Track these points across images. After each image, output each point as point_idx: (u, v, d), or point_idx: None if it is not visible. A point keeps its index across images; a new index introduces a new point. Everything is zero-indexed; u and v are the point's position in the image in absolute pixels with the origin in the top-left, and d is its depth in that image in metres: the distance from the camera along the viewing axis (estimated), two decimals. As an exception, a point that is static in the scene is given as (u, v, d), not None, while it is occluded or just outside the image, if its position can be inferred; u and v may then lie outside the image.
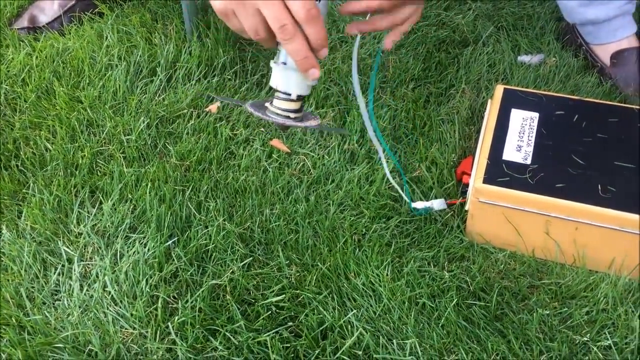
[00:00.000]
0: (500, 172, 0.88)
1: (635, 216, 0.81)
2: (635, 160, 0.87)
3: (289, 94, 0.71)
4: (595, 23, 1.12)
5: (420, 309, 0.82)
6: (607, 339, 0.78)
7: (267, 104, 0.73)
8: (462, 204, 0.94)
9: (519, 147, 0.91)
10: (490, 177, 0.87)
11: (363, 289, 0.84)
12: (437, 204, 0.94)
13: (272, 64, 0.71)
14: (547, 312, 0.81)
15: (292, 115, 0.72)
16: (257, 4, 0.63)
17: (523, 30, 1.24)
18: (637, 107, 0.96)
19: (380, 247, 0.89)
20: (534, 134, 0.92)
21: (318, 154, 1.01)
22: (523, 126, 0.93)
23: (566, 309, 0.82)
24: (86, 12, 1.23)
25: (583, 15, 1.12)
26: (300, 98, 0.72)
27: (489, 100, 1.01)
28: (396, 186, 0.93)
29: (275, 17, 0.63)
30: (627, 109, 0.95)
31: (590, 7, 1.10)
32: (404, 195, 0.94)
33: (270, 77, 0.72)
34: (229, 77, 1.13)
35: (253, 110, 0.73)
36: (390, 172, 0.98)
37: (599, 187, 0.84)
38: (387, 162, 1.00)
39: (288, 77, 0.71)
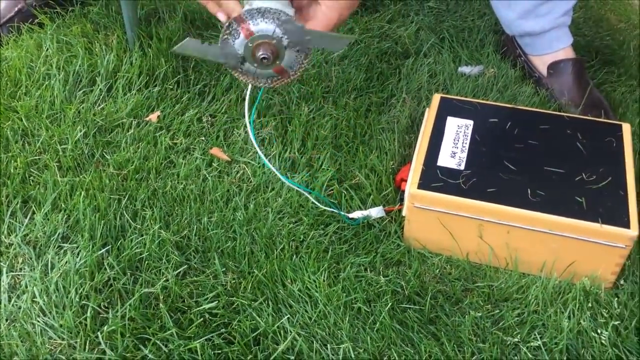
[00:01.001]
0: (435, 178, 0.89)
1: (562, 219, 0.83)
2: (564, 165, 0.89)
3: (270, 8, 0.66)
4: (533, 35, 1.15)
5: (356, 313, 0.82)
6: (537, 340, 0.79)
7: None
8: (400, 211, 0.95)
9: (454, 154, 0.92)
10: (425, 183, 0.88)
11: (299, 295, 0.84)
12: (375, 212, 0.94)
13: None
14: (480, 314, 0.82)
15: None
16: None
17: (464, 42, 1.27)
18: (567, 114, 0.99)
19: (318, 254, 0.89)
20: (468, 141, 0.94)
21: (258, 163, 1.01)
22: (458, 133, 0.95)
23: (498, 310, 0.83)
24: (25, 23, 1.21)
25: (521, 28, 1.15)
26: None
27: (427, 109, 1.03)
28: (324, 208, 0.94)
29: None
30: (558, 116, 0.98)
31: (528, 19, 1.13)
32: (337, 210, 0.94)
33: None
34: (171, 86, 1.13)
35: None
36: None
37: (529, 191, 0.86)
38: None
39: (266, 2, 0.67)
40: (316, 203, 0.94)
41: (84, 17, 1.25)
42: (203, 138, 1.05)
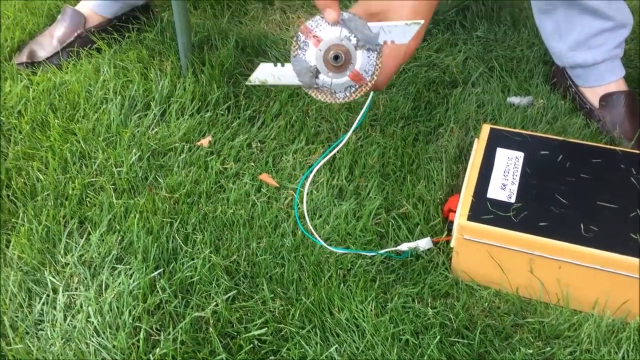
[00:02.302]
0: (485, 210, 0.88)
1: (616, 256, 0.81)
2: (617, 200, 0.88)
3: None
4: (584, 67, 1.14)
5: (404, 345, 0.82)
6: (590, 379, 0.77)
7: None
8: (448, 242, 0.94)
9: (504, 186, 0.92)
10: (475, 215, 0.88)
11: (346, 324, 0.84)
12: (423, 243, 0.94)
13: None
14: (530, 351, 0.81)
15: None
16: None
17: (512, 72, 1.27)
18: (620, 149, 0.97)
19: (365, 283, 0.89)
20: (518, 173, 0.93)
21: (307, 189, 1.02)
22: (508, 165, 0.95)
23: (549, 348, 0.81)
24: (84, 48, 1.26)
25: (572, 59, 1.15)
26: None
27: (476, 139, 1.02)
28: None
29: None
30: (610, 150, 0.97)
31: (580, 51, 1.13)
32: (381, 253, 0.93)
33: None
34: (222, 112, 1.15)
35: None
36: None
37: (582, 227, 0.85)
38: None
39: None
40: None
41: (140, 43, 1.29)
42: (252, 163, 1.07)
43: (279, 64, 0.72)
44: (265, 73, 0.74)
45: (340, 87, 0.74)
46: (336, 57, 0.70)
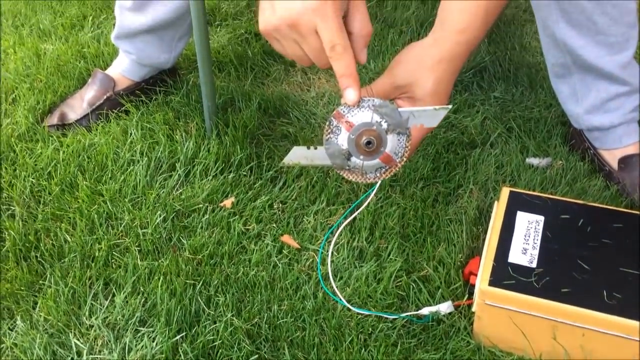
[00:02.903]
0: (506, 275, 0.89)
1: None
2: (639, 266, 0.88)
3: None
4: (602, 129, 1.16)
5: (426, 413, 0.81)
6: None
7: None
8: (470, 305, 0.94)
9: (525, 250, 0.92)
10: (496, 280, 0.88)
11: (368, 391, 0.84)
12: (444, 307, 0.94)
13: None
14: (555, 421, 0.80)
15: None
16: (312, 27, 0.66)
17: (531, 133, 1.28)
18: (642, 212, 0.97)
19: (387, 348, 0.89)
20: (539, 237, 0.94)
21: (327, 251, 1.03)
22: (529, 229, 0.95)
23: (575, 418, 0.80)
24: (113, 110, 1.30)
25: (589, 122, 1.16)
26: None
27: (496, 202, 1.03)
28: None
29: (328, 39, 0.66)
30: (631, 214, 0.97)
31: (596, 114, 1.14)
32: (402, 316, 0.94)
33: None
34: (245, 173, 1.18)
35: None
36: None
37: (605, 293, 0.84)
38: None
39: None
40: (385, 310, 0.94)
41: (167, 105, 1.33)
42: (274, 224, 1.09)
43: (312, 147, 0.75)
44: (298, 156, 0.77)
45: (371, 169, 0.76)
46: (368, 143, 0.72)
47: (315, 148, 0.75)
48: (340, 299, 0.94)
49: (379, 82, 0.74)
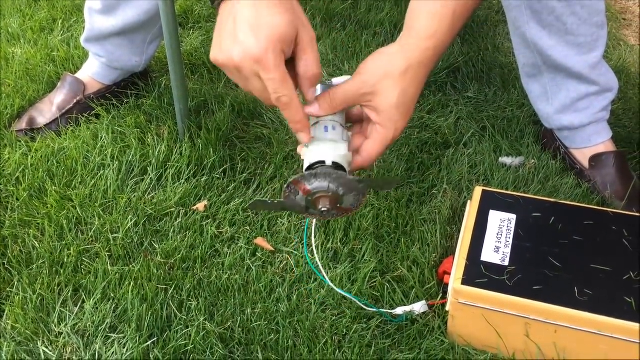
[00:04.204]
0: (479, 273, 0.89)
1: (612, 320, 0.81)
2: (610, 263, 0.88)
3: (323, 162, 0.71)
4: (572, 129, 1.17)
5: (400, 414, 0.81)
6: None
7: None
8: (444, 305, 0.94)
9: (497, 249, 0.92)
10: (469, 278, 0.88)
11: (342, 393, 0.83)
12: (418, 307, 0.94)
13: (300, 149, 0.73)
14: (529, 418, 0.80)
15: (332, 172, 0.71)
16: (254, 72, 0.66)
17: (504, 132, 1.29)
18: (612, 210, 0.98)
19: (361, 349, 0.89)
20: (511, 236, 0.94)
21: (301, 253, 1.03)
22: (501, 227, 0.95)
23: (548, 415, 0.80)
24: (83, 114, 1.28)
25: (559, 122, 1.17)
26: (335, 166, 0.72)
27: (469, 202, 1.04)
28: (365, 303, 0.94)
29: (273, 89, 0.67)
30: (602, 212, 0.98)
31: (567, 114, 1.15)
32: (378, 310, 0.94)
33: (303, 163, 0.73)
34: (218, 175, 1.17)
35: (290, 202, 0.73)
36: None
37: (576, 290, 0.85)
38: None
39: (319, 148, 0.71)
40: (363, 307, 0.94)
41: (138, 108, 1.31)
42: (248, 227, 1.08)
43: (273, 200, 0.76)
44: (260, 205, 0.88)
45: (329, 215, 0.77)
46: (324, 211, 0.73)
47: (276, 201, 0.81)
48: (325, 278, 0.94)
49: (344, 88, 0.72)
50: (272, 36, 0.65)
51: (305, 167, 0.73)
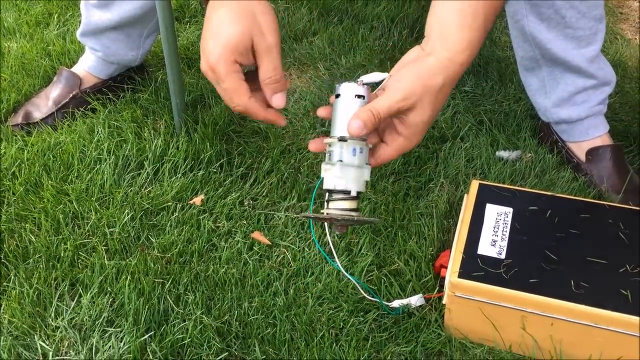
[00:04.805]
0: (476, 267, 0.89)
1: (608, 313, 0.81)
2: (606, 256, 0.88)
3: (349, 192, 0.72)
4: (569, 122, 1.17)
5: (397, 407, 0.81)
6: None
7: (323, 211, 0.75)
8: (440, 298, 0.94)
9: (494, 242, 0.92)
10: (466, 272, 0.88)
11: (339, 386, 0.83)
12: (415, 300, 0.94)
13: (324, 165, 0.73)
14: (525, 411, 0.80)
15: (354, 213, 0.73)
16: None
17: (501, 126, 1.29)
18: (608, 203, 0.98)
19: (358, 342, 0.89)
20: (508, 229, 0.94)
21: (298, 247, 1.03)
22: (497, 221, 0.96)
23: (544, 408, 0.81)
24: (80, 108, 1.28)
25: (557, 115, 1.17)
26: (358, 195, 0.73)
27: (465, 195, 1.04)
28: (364, 295, 0.94)
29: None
30: (598, 205, 0.98)
31: (564, 107, 1.15)
32: (377, 299, 0.94)
33: (324, 180, 0.73)
34: (215, 170, 1.17)
35: (314, 216, 0.77)
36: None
37: (572, 283, 0.85)
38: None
39: (346, 175, 0.72)
40: (360, 290, 0.94)
41: (134, 102, 1.31)
42: (244, 221, 1.08)
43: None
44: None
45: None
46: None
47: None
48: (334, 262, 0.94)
49: (389, 106, 0.69)
50: (226, 46, 0.68)
51: (327, 186, 0.73)
